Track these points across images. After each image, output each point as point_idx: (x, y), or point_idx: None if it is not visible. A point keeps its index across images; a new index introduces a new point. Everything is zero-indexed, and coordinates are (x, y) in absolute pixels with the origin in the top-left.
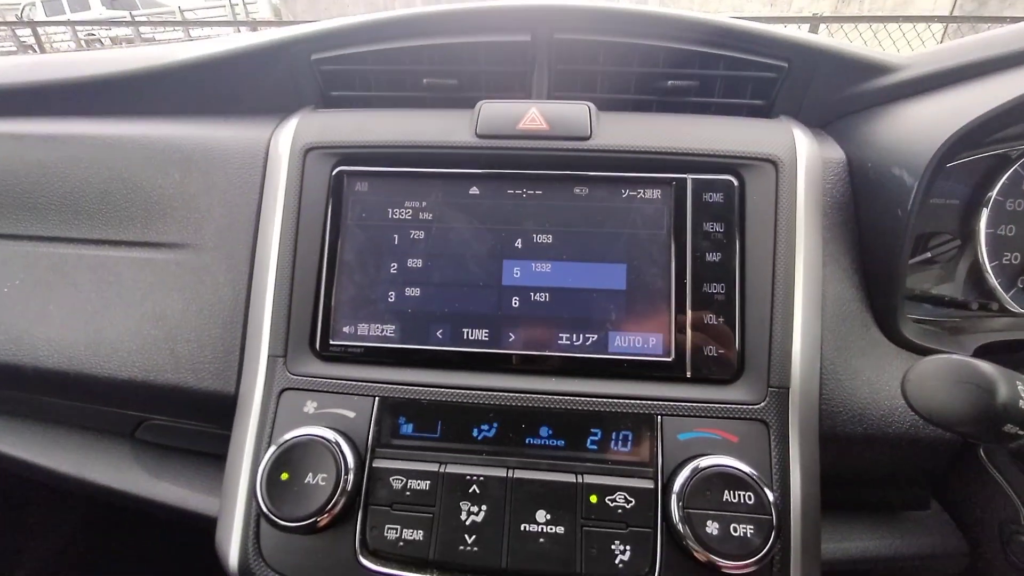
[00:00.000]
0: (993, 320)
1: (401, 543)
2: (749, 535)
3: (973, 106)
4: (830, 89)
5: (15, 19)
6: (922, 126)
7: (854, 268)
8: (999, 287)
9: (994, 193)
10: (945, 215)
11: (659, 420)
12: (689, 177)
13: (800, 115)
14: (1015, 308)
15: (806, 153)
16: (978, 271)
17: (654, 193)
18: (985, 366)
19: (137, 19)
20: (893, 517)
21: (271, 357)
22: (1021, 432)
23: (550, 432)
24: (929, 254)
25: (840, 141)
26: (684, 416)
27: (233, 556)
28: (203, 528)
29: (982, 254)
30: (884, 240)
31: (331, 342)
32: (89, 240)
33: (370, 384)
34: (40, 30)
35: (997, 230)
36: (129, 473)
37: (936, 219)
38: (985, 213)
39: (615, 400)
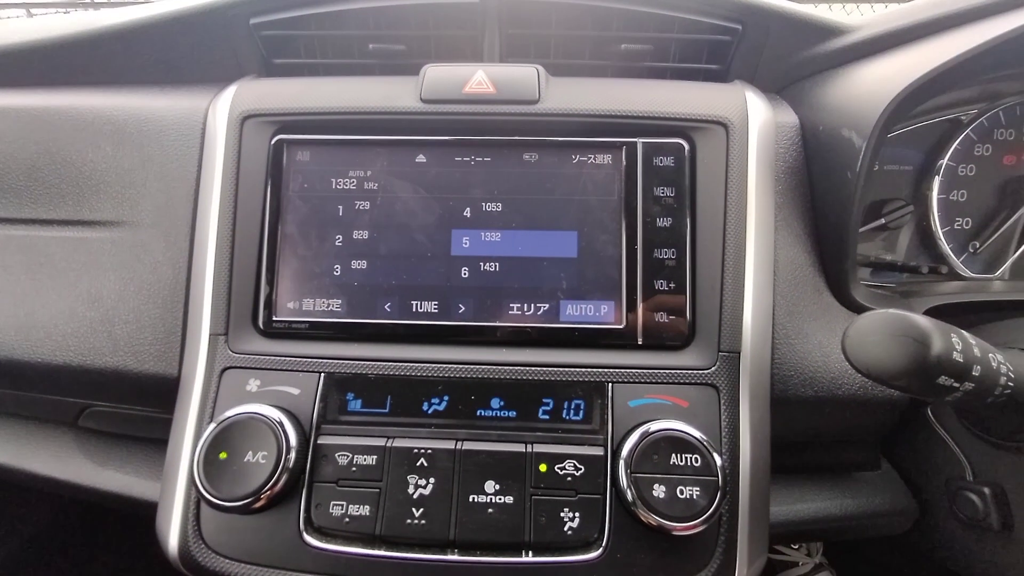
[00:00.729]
0: (944, 284)
1: (347, 519)
2: (695, 497)
3: (920, 64)
4: (785, 52)
5: None
6: (871, 86)
7: (807, 233)
8: (951, 253)
9: (946, 159)
10: (899, 181)
11: (610, 388)
12: (639, 141)
13: (756, 80)
14: (966, 273)
15: (758, 116)
16: (930, 236)
17: (604, 158)
18: (920, 319)
19: (97, 1)
20: (844, 478)
21: (212, 336)
22: (956, 384)
23: (501, 403)
24: (883, 220)
25: (794, 105)
26: (635, 383)
27: (173, 540)
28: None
29: (934, 220)
30: (835, 203)
31: (274, 318)
32: (18, 220)
33: (315, 360)
34: None
35: (949, 195)
36: (71, 462)
37: (890, 185)
38: (937, 179)
39: (567, 369)
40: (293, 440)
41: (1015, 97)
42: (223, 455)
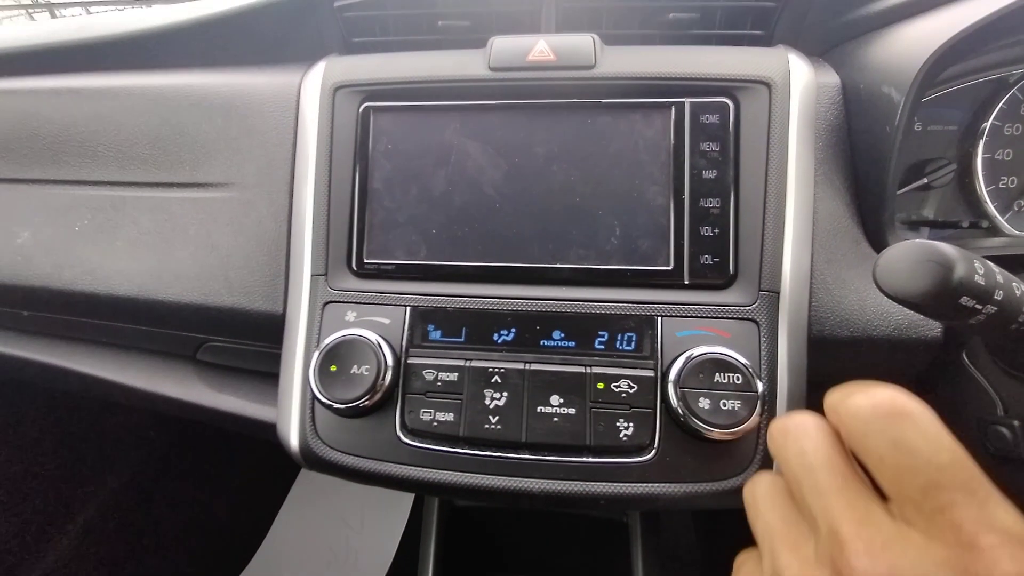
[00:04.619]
0: (985, 240)
1: (435, 423)
2: (736, 408)
3: (960, 21)
4: (828, 16)
5: (31, 1)
6: (911, 44)
7: (846, 188)
8: (996, 212)
9: (991, 118)
10: (943, 142)
11: (659, 321)
12: (687, 101)
13: (799, 44)
14: (1011, 231)
15: (800, 76)
16: (974, 195)
17: (655, 117)
18: (945, 246)
19: None
20: None
21: (314, 276)
22: (979, 306)
23: (562, 335)
24: (925, 179)
25: (836, 67)
26: (682, 317)
27: (294, 439)
28: (264, 439)
29: (979, 179)
30: (874, 158)
31: (365, 261)
32: (145, 183)
33: (401, 296)
34: (56, 12)
35: (994, 155)
36: (193, 388)
37: (933, 146)
38: (983, 139)
39: (620, 304)
40: (389, 359)
41: None
42: (333, 368)
